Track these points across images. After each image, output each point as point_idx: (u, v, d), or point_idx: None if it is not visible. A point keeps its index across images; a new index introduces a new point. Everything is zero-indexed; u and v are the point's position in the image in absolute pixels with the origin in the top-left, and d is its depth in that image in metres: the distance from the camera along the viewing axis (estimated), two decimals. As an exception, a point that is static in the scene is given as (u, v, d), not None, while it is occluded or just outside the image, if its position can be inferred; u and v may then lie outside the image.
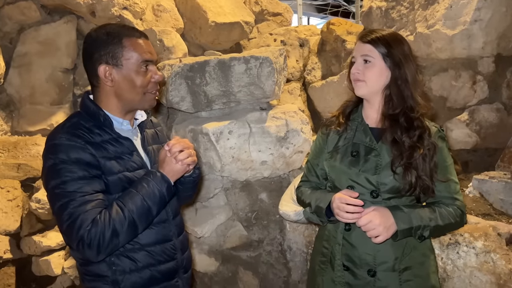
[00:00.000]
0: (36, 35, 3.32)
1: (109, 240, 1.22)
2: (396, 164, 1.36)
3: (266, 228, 2.64)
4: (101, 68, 1.32)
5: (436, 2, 2.83)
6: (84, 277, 1.38)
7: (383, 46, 1.38)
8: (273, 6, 4.41)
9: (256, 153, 2.48)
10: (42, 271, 2.91)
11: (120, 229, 1.23)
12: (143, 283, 1.37)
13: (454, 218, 1.38)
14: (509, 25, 2.64)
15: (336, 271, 1.47)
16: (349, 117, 1.51)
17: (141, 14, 3.46)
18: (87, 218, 1.20)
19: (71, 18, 3.42)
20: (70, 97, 3.48)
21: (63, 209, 1.22)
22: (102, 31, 1.34)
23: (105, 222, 1.21)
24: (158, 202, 1.31)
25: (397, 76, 1.38)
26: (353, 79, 1.44)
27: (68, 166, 1.23)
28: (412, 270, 1.40)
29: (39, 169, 3.12)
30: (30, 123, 3.36)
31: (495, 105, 2.76)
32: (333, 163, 1.49)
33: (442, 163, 1.40)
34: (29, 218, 2.99)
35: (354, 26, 3.79)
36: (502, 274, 1.77)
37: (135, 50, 1.32)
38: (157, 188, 1.29)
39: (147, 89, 1.36)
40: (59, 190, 1.22)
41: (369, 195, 1.40)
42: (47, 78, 3.37)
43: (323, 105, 3.71)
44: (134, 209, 1.26)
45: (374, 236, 1.31)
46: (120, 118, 1.39)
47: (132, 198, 1.27)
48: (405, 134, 1.37)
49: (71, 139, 1.25)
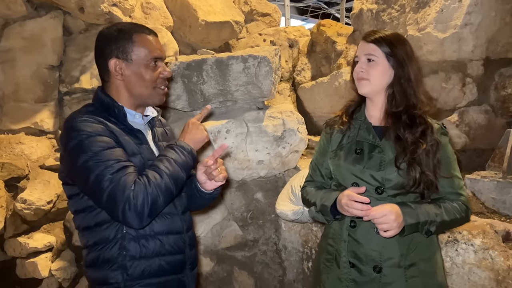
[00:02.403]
0: (21, 30, 3.23)
1: (153, 201, 1.24)
2: (400, 160, 1.37)
3: (262, 227, 2.63)
4: (111, 62, 1.35)
5: (427, 5, 2.89)
6: (93, 264, 1.35)
7: (386, 46, 1.41)
8: (262, 6, 4.41)
9: (253, 153, 2.47)
10: (28, 273, 2.81)
11: (160, 190, 1.26)
12: (151, 271, 1.35)
13: (459, 213, 1.40)
14: (498, 29, 2.72)
15: (342, 268, 1.46)
16: (352, 116, 1.53)
17: (131, 11, 3.41)
18: (129, 179, 1.22)
19: (58, 13, 3.34)
20: (55, 94, 3.39)
21: (102, 177, 1.21)
22: (114, 28, 1.38)
23: (146, 183, 1.24)
24: (185, 166, 1.34)
25: (400, 74, 1.41)
26: (356, 77, 1.46)
27: (94, 139, 1.24)
28: (417, 266, 1.41)
29: (23, 169, 3.03)
30: (13, 121, 3.27)
31: (484, 106, 2.84)
32: (337, 162, 1.50)
33: (445, 159, 1.41)
34: (14, 219, 2.89)
35: (344, 28, 3.83)
36: (501, 271, 1.82)
37: (145, 46, 1.35)
38: (182, 152, 1.34)
39: (156, 84, 1.39)
40: (92, 162, 1.22)
41: (374, 191, 1.41)
42: (32, 74, 3.28)
43: (312, 105, 3.73)
44: (167, 172, 1.29)
45: (385, 230, 1.31)
46: (133, 111, 1.41)
47: (163, 162, 1.30)
48: (408, 131, 1.39)
49: (89, 120, 1.28)
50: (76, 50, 3.39)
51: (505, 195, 2.25)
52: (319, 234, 2.47)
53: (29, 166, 3.07)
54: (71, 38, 3.43)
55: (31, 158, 3.13)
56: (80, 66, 3.35)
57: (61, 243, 2.92)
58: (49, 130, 3.32)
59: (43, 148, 3.23)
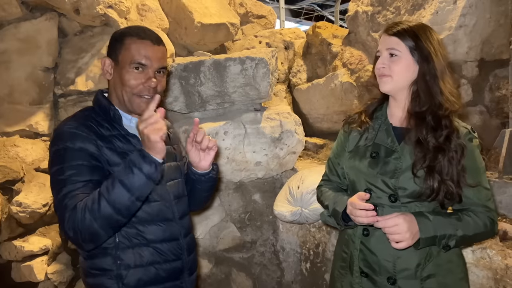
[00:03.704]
0: (16, 32, 3.20)
1: (85, 227, 1.17)
2: (418, 166, 1.27)
3: (260, 229, 2.64)
4: (104, 60, 1.39)
5: (422, 7, 2.92)
6: (88, 272, 1.36)
7: (410, 39, 1.29)
8: (258, 8, 4.43)
9: (250, 154, 2.48)
10: (23, 277, 2.79)
11: (93, 216, 1.17)
12: (147, 280, 1.35)
13: (483, 228, 1.29)
14: (493, 31, 2.75)
15: (354, 277, 1.40)
16: (373, 116, 1.44)
17: (126, 13, 3.40)
18: (71, 203, 1.20)
19: (53, 15, 3.31)
20: (50, 96, 3.36)
21: (55, 195, 1.24)
22: (119, 31, 1.41)
23: (81, 208, 1.18)
24: (133, 185, 1.17)
25: (425, 71, 1.29)
26: (378, 74, 1.35)
27: (69, 153, 1.25)
28: (436, 277, 1.31)
29: (18, 171, 3.00)
30: (8, 124, 3.23)
31: (478, 107, 2.87)
32: (352, 163, 1.42)
33: (471, 166, 1.29)
34: (9, 222, 2.86)
35: (339, 30, 3.85)
36: (499, 269, 1.83)
37: (130, 50, 1.34)
38: (130, 169, 1.17)
39: (136, 91, 1.35)
40: (56, 176, 1.25)
41: (387, 199, 1.32)
42: (27, 76, 3.25)
43: (308, 107, 3.75)
44: (106, 196, 1.17)
45: (397, 241, 1.22)
46: (129, 115, 1.41)
47: (108, 182, 1.20)
48: (431, 134, 1.28)
49: (78, 128, 1.28)
50: (72, 52, 3.36)
51: (501, 195, 2.27)
52: (317, 235, 2.48)
53: (24, 169, 3.04)
54: (66, 40, 3.41)
55: (26, 161, 3.10)
56: (75, 68, 3.33)
57: (57, 246, 2.89)
58: (44, 132, 3.29)
59: (38, 151, 3.20)
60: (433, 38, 1.31)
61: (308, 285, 2.54)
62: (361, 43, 3.45)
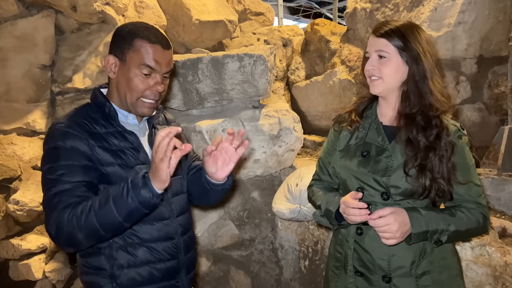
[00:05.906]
0: (13, 29, 3.18)
1: (69, 233, 1.17)
2: (409, 165, 1.28)
3: (258, 226, 2.63)
4: (108, 57, 1.35)
5: (421, 4, 2.91)
6: (83, 269, 1.36)
7: (398, 40, 1.29)
8: (256, 5, 4.41)
9: (249, 151, 2.46)
10: (21, 275, 2.78)
11: (79, 226, 1.16)
12: (141, 280, 1.33)
13: (475, 224, 1.29)
14: (491, 27, 2.74)
15: (349, 277, 1.40)
16: (363, 115, 1.44)
17: (124, 10, 3.38)
18: (60, 204, 1.19)
19: (50, 12, 3.30)
20: (47, 94, 3.35)
21: (45, 193, 1.24)
22: (126, 28, 1.37)
23: (70, 213, 1.17)
24: (124, 208, 1.15)
25: (414, 71, 1.29)
26: (368, 76, 1.36)
27: (60, 152, 1.25)
28: (431, 274, 1.32)
29: (16, 169, 2.99)
30: (5, 122, 3.22)
31: (477, 104, 2.86)
32: (343, 163, 1.42)
33: (461, 164, 1.30)
34: (6, 221, 2.85)
35: (338, 27, 3.84)
36: (498, 266, 1.83)
37: (141, 52, 1.31)
38: (127, 191, 1.14)
39: (142, 95, 1.34)
40: (46, 175, 1.25)
41: (379, 197, 1.32)
42: (24, 74, 3.24)
43: (307, 104, 3.74)
44: (95, 210, 1.16)
45: (387, 239, 1.24)
46: (126, 112, 1.39)
47: (102, 196, 1.19)
48: (422, 134, 1.28)
49: (70, 127, 1.28)
50: (69, 50, 3.35)
51: (500, 192, 2.27)
52: (315, 233, 2.47)
53: (22, 167, 3.03)
54: (63, 37, 3.39)
55: (23, 159, 3.09)
56: (72, 65, 3.31)
57: (55, 244, 2.89)
58: (41, 130, 3.27)
59: (36, 149, 3.19)
60: (421, 38, 1.31)
61: (306, 283, 2.53)
62: (360, 40, 3.44)
